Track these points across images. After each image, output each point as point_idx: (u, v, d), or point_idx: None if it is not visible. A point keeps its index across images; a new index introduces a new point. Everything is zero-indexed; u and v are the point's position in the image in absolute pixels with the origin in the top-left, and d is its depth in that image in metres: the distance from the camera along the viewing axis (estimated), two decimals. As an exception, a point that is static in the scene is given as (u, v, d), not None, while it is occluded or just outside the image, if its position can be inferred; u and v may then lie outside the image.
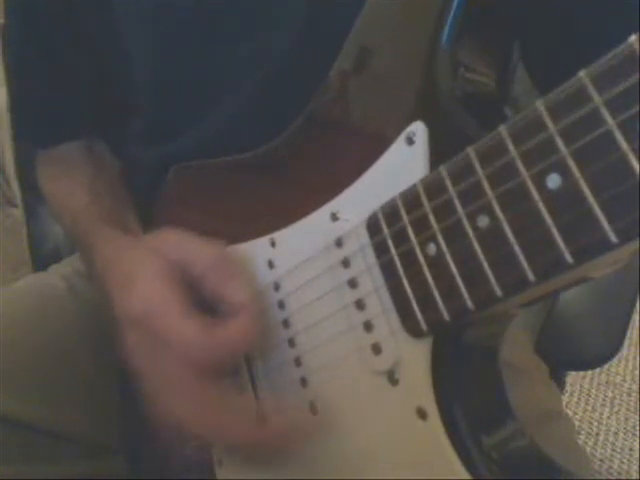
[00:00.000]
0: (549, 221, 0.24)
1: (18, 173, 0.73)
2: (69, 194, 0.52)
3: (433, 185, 0.28)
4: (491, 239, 0.26)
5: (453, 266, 0.27)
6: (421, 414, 0.30)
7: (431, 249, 0.28)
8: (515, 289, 0.26)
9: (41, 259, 0.73)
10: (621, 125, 0.22)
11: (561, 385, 0.66)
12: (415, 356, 0.30)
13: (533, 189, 0.24)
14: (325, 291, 0.35)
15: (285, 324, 0.38)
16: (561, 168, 0.23)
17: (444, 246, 0.28)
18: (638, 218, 0.21)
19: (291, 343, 0.37)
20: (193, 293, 0.36)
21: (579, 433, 1.22)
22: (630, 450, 1.20)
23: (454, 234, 0.27)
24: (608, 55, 0.22)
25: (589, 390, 1.33)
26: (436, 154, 0.30)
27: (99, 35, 0.49)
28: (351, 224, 0.33)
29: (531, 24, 0.36)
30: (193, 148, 0.46)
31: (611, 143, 0.22)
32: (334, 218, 0.35)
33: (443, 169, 0.28)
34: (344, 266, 0.34)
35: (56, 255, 0.70)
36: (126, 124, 0.52)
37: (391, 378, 0.32)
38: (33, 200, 0.72)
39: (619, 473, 1.16)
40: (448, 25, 0.31)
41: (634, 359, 1.38)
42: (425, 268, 0.29)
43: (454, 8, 0.31)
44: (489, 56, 0.34)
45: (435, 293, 0.28)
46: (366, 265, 0.32)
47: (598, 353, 0.62)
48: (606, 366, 1.34)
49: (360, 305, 0.33)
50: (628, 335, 0.64)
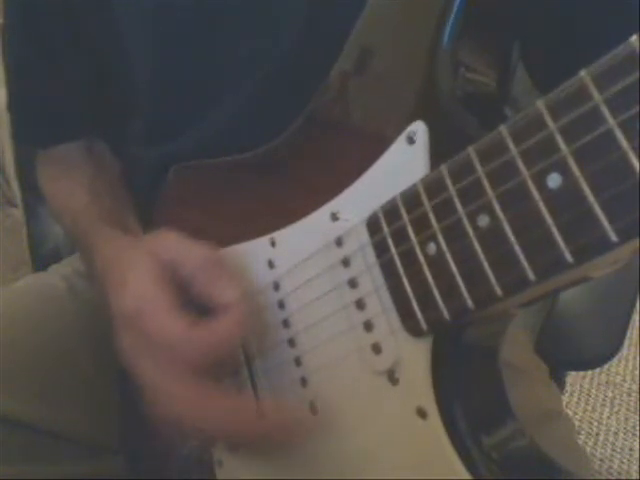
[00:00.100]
0: (549, 220, 0.24)
1: (18, 173, 0.73)
2: (69, 194, 0.52)
3: (433, 184, 0.28)
4: (491, 238, 0.26)
5: (453, 265, 0.27)
6: (421, 414, 0.30)
7: (431, 248, 0.28)
8: (515, 288, 0.26)
9: (41, 259, 0.73)
10: (621, 124, 0.22)
11: (561, 385, 0.66)
12: (415, 355, 0.30)
13: (533, 188, 0.24)
14: (325, 291, 0.35)
15: (285, 324, 0.38)
16: (561, 167, 0.23)
17: (444, 245, 0.28)
18: (638, 217, 0.21)
19: (291, 343, 0.37)
20: (184, 293, 0.36)
21: (579, 433, 1.22)
22: (630, 450, 1.20)
23: (454, 233, 0.27)
24: (608, 55, 0.22)
25: (589, 390, 1.33)
26: (436, 154, 0.30)
27: (99, 35, 0.49)
28: (351, 224, 0.33)
29: (531, 24, 0.36)
30: (193, 148, 0.46)
31: (611, 142, 0.22)
32: (334, 218, 0.35)
33: (443, 168, 0.28)
34: (344, 265, 0.34)
35: (56, 255, 0.70)
36: (126, 124, 0.52)
37: (391, 378, 0.32)
38: (33, 200, 0.72)
39: (619, 473, 1.16)
40: (449, 25, 0.31)
41: (634, 359, 1.38)
42: (425, 267, 0.29)
43: (455, 8, 0.31)
44: (489, 56, 0.34)
45: (435, 292, 0.28)
46: (366, 264, 0.32)
47: (598, 353, 0.62)
48: (606, 366, 1.34)
49: (360, 305, 0.33)
50: (628, 335, 0.64)
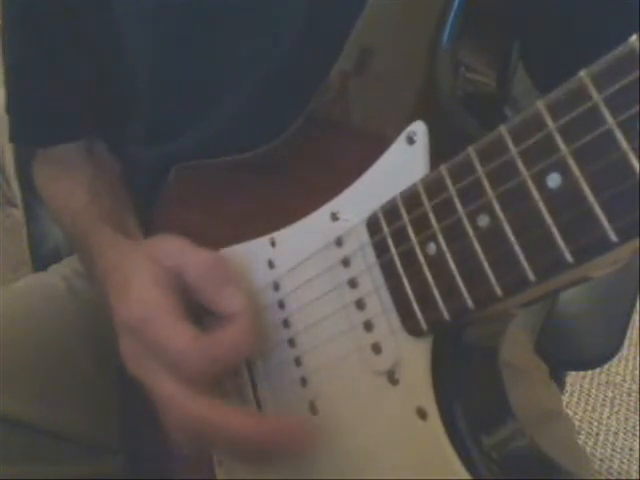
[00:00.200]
0: (549, 220, 0.24)
1: (18, 173, 0.73)
2: (69, 194, 0.52)
3: (433, 184, 0.28)
4: (491, 238, 0.26)
5: (453, 265, 0.27)
6: (421, 414, 0.30)
7: (431, 248, 0.28)
8: (515, 289, 0.26)
9: (41, 259, 0.73)
10: (621, 124, 0.22)
11: (561, 385, 0.66)
12: (415, 356, 0.30)
13: (533, 188, 0.24)
14: (325, 291, 0.35)
15: (285, 324, 0.38)
16: (561, 167, 0.23)
17: (444, 245, 0.28)
18: (638, 217, 0.21)
19: (291, 343, 0.37)
20: (188, 300, 0.36)
21: (579, 433, 1.23)
22: (630, 450, 1.20)
23: (454, 233, 0.27)
24: (608, 55, 0.22)
25: (589, 390, 1.33)
26: (436, 154, 0.30)
27: (99, 35, 0.49)
28: (351, 224, 0.33)
29: (531, 24, 0.36)
30: (193, 148, 0.46)
31: (611, 142, 0.22)
32: (334, 218, 0.35)
33: (443, 168, 0.28)
34: (344, 266, 0.34)
35: (56, 255, 0.70)
36: (126, 124, 0.52)
37: (391, 378, 0.32)
38: (33, 200, 0.72)
39: (619, 473, 1.17)
40: (449, 25, 0.31)
41: (634, 359, 1.38)
42: (425, 267, 0.29)
43: (455, 8, 0.31)
44: (489, 56, 0.34)
45: (435, 292, 0.28)
46: (366, 264, 0.32)
47: (598, 353, 0.62)
48: (606, 366, 1.34)
49: (360, 305, 0.33)
50: (628, 335, 0.64)
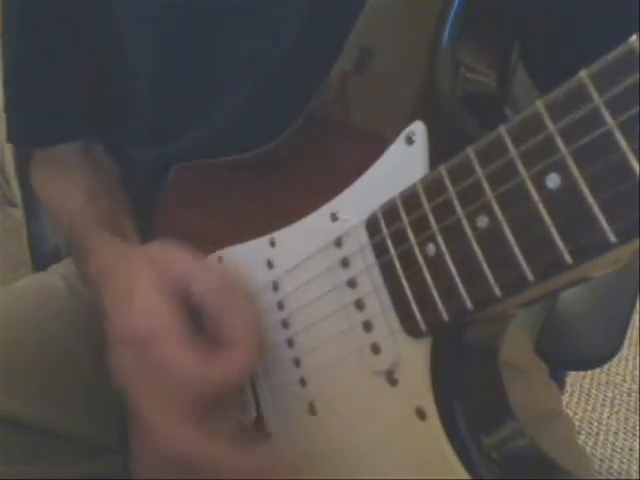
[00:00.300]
0: (548, 221, 0.24)
1: (18, 173, 0.73)
2: (66, 195, 0.52)
3: (433, 185, 0.28)
4: (490, 239, 0.26)
5: (452, 266, 0.27)
6: (420, 414, 0.30)
7: (430, 249, 0.28)
8: (514, 289, 0.26)
9: (41, 259, 0.73)
10: (621, 125, 0.22)
11: (561, 385, 0.66)
12: (414, 356, 0.30)
13: (532, 189, 0.24)
14: (324, 291, 0.35)
15: (284, 324, 0.38)
16: (561, 168, 0.23)
17: (443, 246, 0.28)
18: (638, 218, 0.21)
19: (290, 343, 0.37)
20: (192, 312, 0.35)
21: (579, 433, 1.23)
22: (630, 450, 1.20)
23: (453, 234, 0.27)
24: (608, 55, 0.22)
25: (589, 390, 1.33)
26: (436, 154, 0.30)
27: (99, 35, 0.49)
28: (351, 224, 0.33)
29: (531, 24, 0.36)
30: (193, 148, 0.46)
31: (611, 143, 0.22)
32: (334, 218, 0.35)
33: (443, 169, 0.28)
34: (343, 266, 0.34)
35: (56, 255, 0.70)
36: (126, 124, 0.52)
37: (390, 378, 0.32)
38: (33, 200, 0.72)
39: (619, 473, 1.17)
40: (449, 25, 0.31)
41: (634, 359, 1.38)
42: (424, 268, 0.29)
43: (454, 8, 0.31)
44: (489, 56, 0.33)
45: (434, 293, 0.28)
46: (365, 265, 0.32)
47: (598, 353, 0.62)
48: (606, 366, 1.34)
49: (359, 305, 0.33)
50: (628, 335, 0.64)
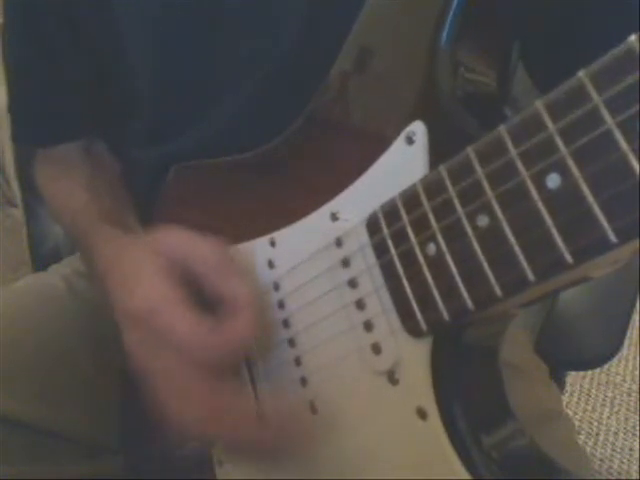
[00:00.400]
0: (549, 221, 0.24)
1: (18, 173, 0.73)
2: (68, 194, 0.52)
3: (433, 185, 0.28)
4: (491, 239, 0.26)
5: (453, 266, 0.27)
6: (421, 414, 0.30)
7: (431, 249, 0.28)
8: (515, 289, 0.26)
9: (41, 259, 0.73)
10: (621, 125, 0.22)
11: (561, 385, 0.66)
12: (415, 356, 0.30)
13: (533, 189, 0.24)
14: (325, 291, 0.35)
15: (285, 324, 0.38)
16: (561, 168, 0.23)
17: (444, 246, 0.28)
18: (638, 218, 0.21)
19: (291, 343, 0.37)
20: (194, 290, 0.36)
21: (579, 433, 1.22)
22: (630, 450, 1.20)
23: (454, 234, 0.27)
24: (608, 55, 0.22)
25: (589, 390, 1.33)
26: (436, 154, 0.30)
27: (99, 35, 0.49)
28: (351, 224, 0.33)
29: (531, 24, 0.36)
30: (193, 148, 0.46)
31: (611, 143, 0.22)
32: (334, 218, 0.35)
33: (443, 169, 0.28)
34: (344, 266, 0.34)
35: (56, 255, 0.70)
36: (126, 124, 0.52)
37: (391, 378, 0.32)
38: (33, 200, 0.73)
39: (619, 473, 1.17)
40: (448, 25, 0.31)
41: (634, 359, 1.38)
42: (425, 268, 0.29)
43: (454, 8, 0.31)
44: (489, 56, 0.33)
45: (435, 293, 0.28)
46: (366, 265, 0.32)
47: (598, 353, 0.62)
48: (606, 366, 1.34)
49: (360, 305, 0.33)
50: (628, 335, 0.64)
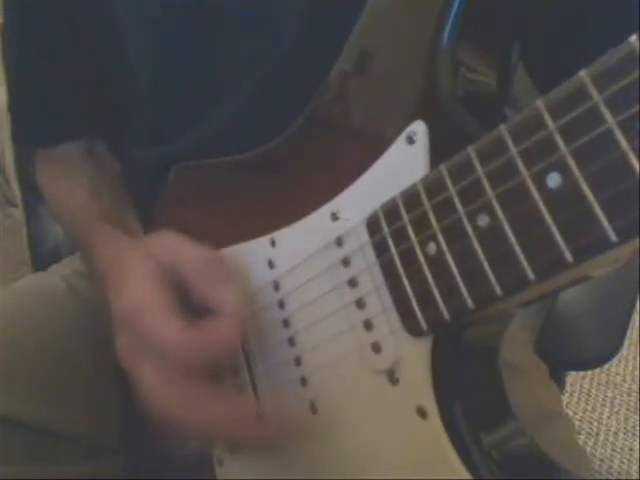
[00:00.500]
0: (549, 220, 0.24)
1: (18, 173, 0.73)
2: (69, 193, 0.52)
3: (433, 184, 0.28)
4: (491, 238, 0.26)
5: (453, 265, 0.27)
6: (421, 413, 0.30)
7: (431, 248, 0.28)
8: (515, 288, 0.26)
9: (41, 259, 0.73)
10: (621, 124, 0.22)
11: (561, 385, 0.66)
12: (415, 355, 0.30)
13: (533, 188, 0.24)
14: (325, 290, 0.35)
15: (285, 323, 0.38)
16: (561, 167, 0.23)
17: (444, 245, 0.28)
18: (638, 217, 0.21)
19: (291, 342, 0.37)
20: (181, 295, 0.36)
21: (579, 433, 1.23)
22: (630, 450, 1.20)
23: (454, 233, 0.27)
24: (608, 54, 0.22)
25: (589, 390, 1.33)
26: (436, 154, 0.30)
27: (99, 35, 0.49)
28: (351, 223, 0.33)
29: (531, 24, 0.36)
30: (193, 148, 0.46)
31: (611, 142, 0.22)
32: (334, 218, 0.35)
33: (443, 168, 0.28)
34: (344, 265, 0.34)
35: (56, 255, 0.70)
36: (126, 124, 0.52)
37: (391, 377, 0.32)
38: (33, 200, 0.73)
39: (619, 473, 1.17)
40: (449, 25, 0.31)
41: (634, 359, 1.38)
42: (425, 267, 0.29)
43: (455, 8, 0.31)
44: (489, 56, 0.34)
45: (435, 292, 0.28)
46: (366, 264, 0.32)
47: (598, 353, 0.62)
48: (606, 366, 1.34)
49: (360, 304, 0.33)
50: (628, 335, 0.64)
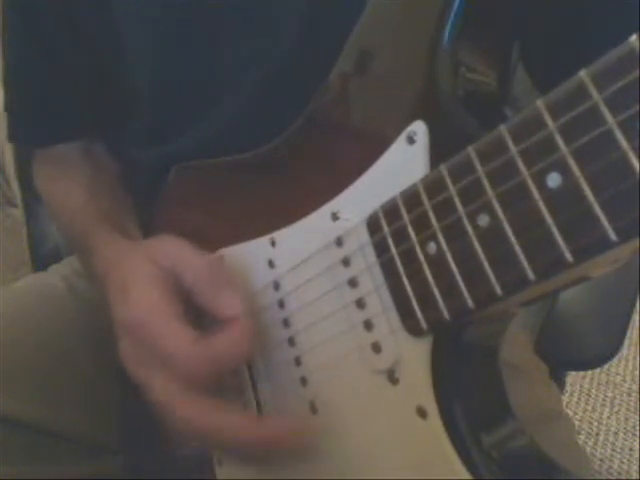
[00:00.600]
0: (549, 220, 0.24)
1: (18, 173, 0.73)
2: (67, 194, 0.52)
3: (433, 184, 0.28)
4: (491, 238, 0.26)
5: (453, 265, 0.27)
6: (421, 413, 0.30)
7: (431, 248, 0.28)
8: (515, 288, 0.26)
9: (41, 259, 0.73)
10: (621, 124, 0.22)
11: (561, 385, 0.66)
12: (415, 355, 0.30)
13: (533, 188, 0.24)
14: (325, 290, 0.35)
15: (285, 323, 0.38)
16: (561, 167, 0.23)
17: (444, 245, 0.28)
18: (638, 217, 0.21)
19: (291, 342, 0.37)
20: (187, 302, 0.36)
21: (579, 433, 1.23)
22: (630, 450, 1.20)
23: (454, 233, 0.27)
24: (608, 54, 0.22)
25: (589, 390, 1.33)
26: (436, 153, 0.30)
27: (99, 35, 0.49)
28: (351, 223, 0.33)
29: (531, 24, 0.36)
30: (193, 148, 0.46)
31: (611, 142, 0.22)
32: (334, 218, 0.35)
33: (443, 168, 0.28)
34: (344, 265, 0.34)
35: (56, 255, 0.70)
36: (126, 124, 0.52)
37: (391, 377, 0.32)
38: (33, 200, 0.72)
39: (619, 473, 1.17)
40: (449, 25, 0.31)
41: (634, 359, 1.38)
42: (425, 267, 0.29)
43: (455, 8, 0.31)
44: (489, 56, 0.34)
45: (435, 292, 0.28)
46: (366, 264, 0.32)
47: (598, 353, 0.62)
48: (606, 366, 1.34)
49: (360, 304, 0.33)
50: (628, 335, 0.64)
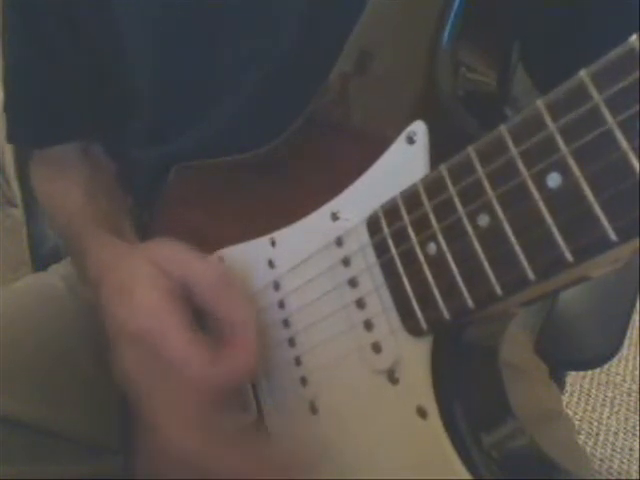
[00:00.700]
0: (549, 220, 0.24)
1: (18, 173, 0.73)
2: (64, 195, 0.52)
3: (433, 184, 0.28)
4: (491, 238, 0.26)
5: (453, 265, 0.27)
6: (421, 413, 0.30)
7: (431, 248, 0.28)
8: (515, 288, 0.26)
9: (41, 259, 0.73)
10: (621, 124, 0.22)
11: (561, 385, 0.66)
12: (415, 355, 0.31)
13: (533, 188, 0.24)
14: (325, 290, 0.35)
15: (285, 323, 0.38)
16: (561, 167, 0.23)
17: (444, 245, 0.28)
18: (638, 217, 0.21)
19: (291, 342, 0.37)
20: (192, 309, 0.36)
21: (579, 433, 1.23)
22: (630, 450, 1.20)
23: (454, 233, 0.27)
24: (608, 54, 0.22)
25: (589, 390, 1.33)
26: (436, 154, 0.30)
27: (99, 35, 0.49)
28: (351, 223, 0.33)
29: (531, 24, 0.36)
30: (193, 148, 0.46)
31: (611, 142, 0.22)
32: (334, 218, 0.35)
33: (443, 168, 0.28)
34: (344, 265, 0.34)
35: (56, 255, 0.70)
36: (126, 124, 0.52)
37: (391, 377, 0.32)
38: (33, 200, 0.72)
39: (619, 473, 1.17)
40: (449, 25, 0.31)
41: (634, 359, 1.38)
42: (425, 267, 0.29)
43: (455, 8, 0.31)
44: (489, 56, 0.34)
45: (435, 292, 0.28)
46: (366, 264, 0.32)
47: (598, 353, 0.62)
48: (606, 366, 1.34)
49: (360, 304, 0.33)
50: (628, 335, 0.64)
